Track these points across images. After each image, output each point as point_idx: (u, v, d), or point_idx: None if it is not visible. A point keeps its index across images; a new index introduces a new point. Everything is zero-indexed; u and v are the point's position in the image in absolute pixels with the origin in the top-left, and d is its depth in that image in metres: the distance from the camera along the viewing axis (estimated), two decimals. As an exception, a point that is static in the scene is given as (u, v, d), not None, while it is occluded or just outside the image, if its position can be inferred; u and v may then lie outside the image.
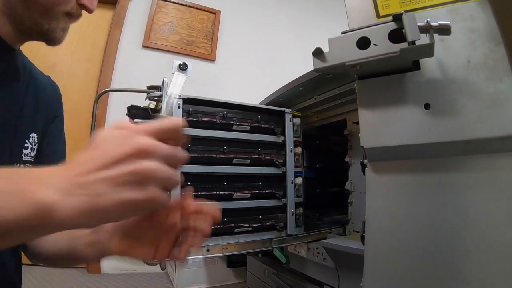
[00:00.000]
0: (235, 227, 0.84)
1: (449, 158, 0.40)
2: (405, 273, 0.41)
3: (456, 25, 0.40)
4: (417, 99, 0.41)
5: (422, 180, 0.42)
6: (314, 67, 0.44)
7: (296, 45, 2.53)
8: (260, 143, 0.92)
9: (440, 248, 0.39)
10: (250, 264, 1.43)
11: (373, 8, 0.46)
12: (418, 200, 0.41)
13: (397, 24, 0.38)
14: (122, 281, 1.65)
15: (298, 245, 1.03)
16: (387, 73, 0.44)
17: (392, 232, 0.42)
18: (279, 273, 1.13)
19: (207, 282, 1.63)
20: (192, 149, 0.81)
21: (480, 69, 0.39)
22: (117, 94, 1.88)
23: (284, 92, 1.06)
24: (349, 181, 0.99)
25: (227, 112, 0.87)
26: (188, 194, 0.36)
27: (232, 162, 0.87)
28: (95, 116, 1.58)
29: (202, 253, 0.78)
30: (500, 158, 0.37)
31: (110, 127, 0.29)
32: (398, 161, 0.43)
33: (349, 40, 0.41)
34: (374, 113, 0.44)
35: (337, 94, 0.97)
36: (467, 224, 0.38)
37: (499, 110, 0.37)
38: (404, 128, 0.41)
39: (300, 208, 0.97)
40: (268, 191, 0.92)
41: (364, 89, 0.45)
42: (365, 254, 0.44)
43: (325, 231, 1.01)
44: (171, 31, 2.16)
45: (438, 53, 0.40)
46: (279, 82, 1.11)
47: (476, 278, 0.36)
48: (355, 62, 0.41)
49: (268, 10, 2.53)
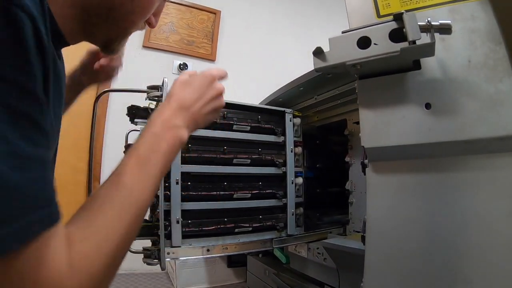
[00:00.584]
0: (235, 227, 0.84)
1: (449, 158, 0.40)
2: (405, 273, 0.41)
3: (456, 25, 0.40)
4: (417, 99, 0.41)
5: (423, 180, 0.42)
6: (315, 67, 0.44)
7: (296, 45, 2.52)
8: (260, 143, 0.92)
9: (440, 248, 0.39)
10: (251, 264, 1.43)
11: (373, 8, 0.46)
12: (418, 200, 0.41)
13: (398, 24, 0.38)
14: (122, 281, 1.64)
15: (298, 245, 1.03)
16: (388, 72, 0.44)
17: (393, 232, 0.42)
18: (280, 273, 1.13)
19: (207, 282, 1.63)
20: (193, 149, 0.81)
21: (481, 69, 0.39)
22: (117, 94, 1.88)
23: (284, 92, 1.06)
24: (350, 181, 0.99)
25: (228, 112, 0.87)
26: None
27: (232, 162, 0.87)
28: (95, 116, 1.58)
29: (202, 253, 0.77)
30: (500, 158, 0.37)
31: (187, 73, 0.47)
32: (399, 161, 0.43)
33: (349, 39, 0.41)
34: (375, 113, 0.44)
35: (337, 94, 0.97)
36: (467, 224, 0.38)
37: (499, 110, 0.37)
38: (405, 128, 0.41)
39: (300, 208, 0.97)
40: (268, 191, 0.92)
41: (364, 89, 0.45)
42: (365, 254, 0.44)
43: (325, 231, 1.01)
44: (171, 31, 2.16)
45: (438, 52, 0.40)
46: (279, 82, 1.11)
47: (476, 278, 0.36)
48: (355, 61, 0.41)
49: (268, 10, 2.53)
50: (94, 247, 0.30)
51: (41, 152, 0.27)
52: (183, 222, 0.76)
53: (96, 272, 0.29)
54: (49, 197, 0.27)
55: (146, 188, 0.36)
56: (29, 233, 0.24)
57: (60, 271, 0.26)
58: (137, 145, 0.39)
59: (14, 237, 0.23)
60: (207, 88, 0.46)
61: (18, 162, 0.24)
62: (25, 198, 0.24)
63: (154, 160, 0.38)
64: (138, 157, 0.38)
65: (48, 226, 0.26)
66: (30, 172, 0.25)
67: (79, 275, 0.27)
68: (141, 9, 0.41)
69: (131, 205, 0.34)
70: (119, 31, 0.42)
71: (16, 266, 0.24)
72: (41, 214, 0.25)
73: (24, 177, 0.24)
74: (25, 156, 0.25)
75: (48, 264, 0.26)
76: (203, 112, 0.45)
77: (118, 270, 0.33)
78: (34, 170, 0.25)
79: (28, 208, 0.24)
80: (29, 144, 0.25)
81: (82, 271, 0.28)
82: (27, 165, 0.25)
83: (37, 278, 0.25)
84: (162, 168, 0.39)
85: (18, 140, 0.24)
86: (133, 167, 0.37)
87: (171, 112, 0.42)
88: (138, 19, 0.42)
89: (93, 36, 0.43)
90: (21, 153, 0.24)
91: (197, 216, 0.80)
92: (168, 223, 0.73)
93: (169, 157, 0.41)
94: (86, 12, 0.39)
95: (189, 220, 0.78)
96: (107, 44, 0.44)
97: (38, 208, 0.25)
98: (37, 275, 0.25)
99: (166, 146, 0.40)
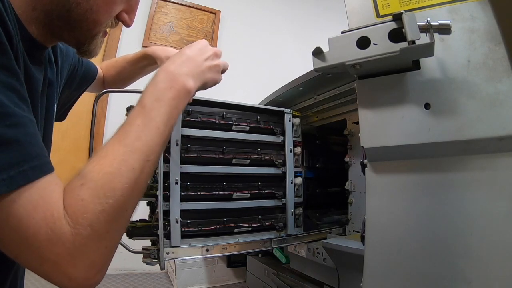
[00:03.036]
0: (235, 227, 0.84)
1: (449, 158, 0.40)
2: (405, 273, 0.41)
3: (456, 25, 0.40)
4: (417, 99, 0.41)
5: (422, 180, 0.41)
6: (314, 67, 0.44)
7: (296, 45, 2.53)
8: (259, 143, 0.92)
9: (440, 248, 0.39)
10: (250, 264, 1.43)
11: (373, 8, 0.46)
12: (418, 200, 0.41)
13: (397, 24, 0.38)
14: (122, 281, 1.64)
15: (298, 245, 1.03)
16: (387, 72, 0.44)
17: (392, 232, 0.42)
18: (279, 273, 1.13)
19: (207, 282, 1.63)
20: (192, 149, 0.81)
21: (480, 69, 0.39)
22: (117, 94, 1.88)
23: (284, 92, 1.06)
24: (349, 181, 0.99)
25: (227, 112, 0.87)
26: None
27: (231, 162, 0.87)
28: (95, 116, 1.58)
29: (202, 253, 0.77)
30: (500, 158, 0.37)
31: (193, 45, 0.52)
32: (398, 161, 0.43)
33: (349, 39, 0.41)
34: (374, 113, 0.44)
35: (337, 94, 0.97)
36: (467, 224, 0.38)
37: (499, 110, 0.37)
38: (404, 128, 0.41)
39: (300, 208, 0.97)
40: (267, 191, 0.92)
41: (364, 89, 0.45)
42: (365, 254, 0.44)
43: (325, 231, 1.01)
44: (171, 31, 2.16)
45: (438, 52, 0.40)
46: (279, 82, 1.11)
47: (476, 278, 0.36)
48: (355, 61, 0.41)
49: (268, 10, 2.53)
50: (91, 192, 0.30)
51: (28, 114, 0.30)
52: (182, 222, 0.76)
53: (95, 219, 0.29)
54: (41, 150, 0.30)
55: (149, 135, 0.36)
56: (24, 178, 0.27)
57: (55, 214, 0.28)
58: (141, 97, 0.40)
59: (8, 182, 0.26)
60: (204, 47, 0.52)
61: (11, 121, 0.27)
62: (19, 149, 0.27)
63: (158, 108, 0.39)
64: (142, 107, 0.39)
65: (41, 174, 0.28)
66: (24, 128, 0.28)
67: (75, 220, 0.29)
68: (100, 7, 0.40)
69: (134, 152, 0.34)
70: (84, 32, 0.42)
71: (13, 210, 0.26)
72: (34, 163, 0.28)
73: (18, 132, 0.27)
74: (18, 115, 0.28)
75: (43, 208, 0.28)
76: (206, 65, 0.50)
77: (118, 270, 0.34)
78: (26, 127, 0.28)
79: (22, 158, 0.27)
80: (17, 107, 0.28)
81: (78, 217, 0.29)
82: (20, 123, 0.28)
83: (32, 220, 0.27)
84: (168, 116, 0.39)
85: (9, 103, 0.27)
86: (136, 117, 0.37)
87: (175, 65, 0.45)
88: (101, 18, 0.41)
89: (62, 38, 0.44)
90: (12, 113, 0.28)
91: (196, 216, 0.80)
92: (168, 223, 0.73)
93: (175, 106, 0.41)
94: (48, 15, 0.39)
95: (189, 220, 0.78)
96: (78, 47, 0.44)
97: (33, 158, 0.28)
98: (32, 217, 0.27)
99: (170, 94, 0.41)
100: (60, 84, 0.56)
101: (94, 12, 0.40)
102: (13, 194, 0.26)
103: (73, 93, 0.68)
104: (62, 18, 0.39)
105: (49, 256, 0.28)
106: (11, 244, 0.28)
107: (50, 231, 0.27)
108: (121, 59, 0.79)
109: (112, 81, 0.79)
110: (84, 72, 0.68)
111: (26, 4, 0.37)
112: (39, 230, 0.27)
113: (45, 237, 0.27)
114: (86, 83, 0.71)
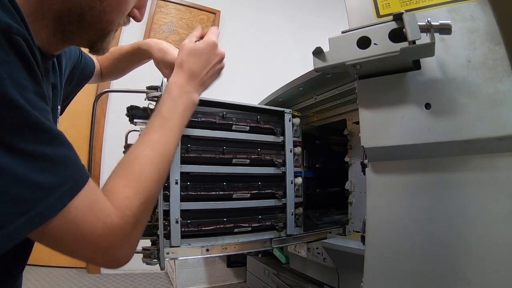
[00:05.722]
0: (235, 227, 0.84)
1: (449, 158, 0.40)
2: (405, 273, 0.41)
3: (456, 25, 0.40)
4: (417, 99, 0.41)
5: (422, 180, 0.42)
6: (314, 67, 0.44)
7: (296, 45, 2.53)
8: (259, 143, 0.92)
9: (440, 248, 0.39)
10: (250, 264, 1.43)
11: (373, 8, 0.46)
12: (418, 200, 0.41)
13: (398, 24, 0.38)
14: (122, 281, 1.65)
15: (298, 245, 1.03)
16: (388, 72, 0.44)
17: (392, 232, 0.42)
18: (279, 273, 1.13)
19: (207, 282, 1.63)
20: (192, 149, 0.80)
21: (480, 69, 0.39)
22: (116, 94, 1.88)
23: (284, 92, 1.06)
24: (349, 181, 0.99)
25: (227, 112, 0.87)
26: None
27: (231, 162, 0.87)
28: (95, 116, 1.58)
29: (202, 253, 0.77)
30: (500, 158, 0.37)
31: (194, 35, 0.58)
32: (398, 161, 0.43)
33: (349, 39, 0.41)
34: (375, 113, 0.44)
35: (337, 94, 0.97)
36: (467, 224, 0.38)
37: (499, 110, 0.37)
38: (405, 128, 0.41)
39: (300, 208, 0.97)
40: (267, 191, 0.92)
41: (364, 89, 0.45)
42: (365, 254, 0.44)
43: (325, 231, 1.01)
44: (171, 31, 2.16)
45: (438, 52, 0.40)
46: (279, 82, 1.11)
47: (476, 278, 0.36)
48: (355, 61, 0.41)
49: (268, 10, 2.53)
50: (133, 190, 0.38)
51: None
52: (182, 222, 0.76)
53: (137, 210, 0.37)
54: (80, 161, 0.33)
55: (169, 141, 0.46)
56: (77, 187, 0.31)
57: (105, 211, 0.33)
58: (160, 108, 0.49)
59: (67, 193, 0.30)
60: (211, 55, 0.56)
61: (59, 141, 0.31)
62: (71, 164, 0.31)
63: (174, 119, 0.48)
64: (161, 117, 0.48)
65: (86, 180, 0.32)
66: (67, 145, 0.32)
67: (122, 213, 0.35)
68: (113, 8, 0.40)
69: (159, 155, 0.43)
70: (98, 33, 0.42)
71: (71, 217, 0.30)
72: (82, 171, 0.32)
73: (67, 149, 0.31)
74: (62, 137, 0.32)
75: (95, 209, 0.32)
76: (209, 76, 0.57)
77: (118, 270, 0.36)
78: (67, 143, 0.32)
79: (76, 171, 0.31)
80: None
81: (125, 210, 0.35)
82: (66, 142, 0.31)
83: (89, 221, 0.32)
84: (180, 126, 0.50)
85: (53, 126, 0.30)
86: (158, 125, 0.47)
87: (184, 80, 0.53)
88: (114, 18, 0.42)
89: (74, 42, 0.44)
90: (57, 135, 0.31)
91: (196, 216, 0.80)
92: (167, 223, 0.73)
93: (186, 117, 0.51)
94: (59, 21, 0.39)
95: (188, 220, 0.78)
96: (91, 46, 0.45)
97: (81, 168, 0.32)
98: (89, 218, 0.32)
99: (183, 107, 0.51)
100: (62, 85, 0.56)
101: (108, 13, 0.40)
102: (70, 204, 0.30)
103: (72, 89, 0.68)
104: (74, 23, 0.40)
105: (103, 245, 0.33)
106: (70, 244, 0.32)
107: (105, 225, 0.33)
108: (117, 50, 0.79)
109: (107, 73, 0.81)
110: (83, 67, 0.69)
111: (35, 13, 0.37)
112: (95, 227, 0.32)
113: (101, 232, 0.32)
114: (85, 79, 0.71)
